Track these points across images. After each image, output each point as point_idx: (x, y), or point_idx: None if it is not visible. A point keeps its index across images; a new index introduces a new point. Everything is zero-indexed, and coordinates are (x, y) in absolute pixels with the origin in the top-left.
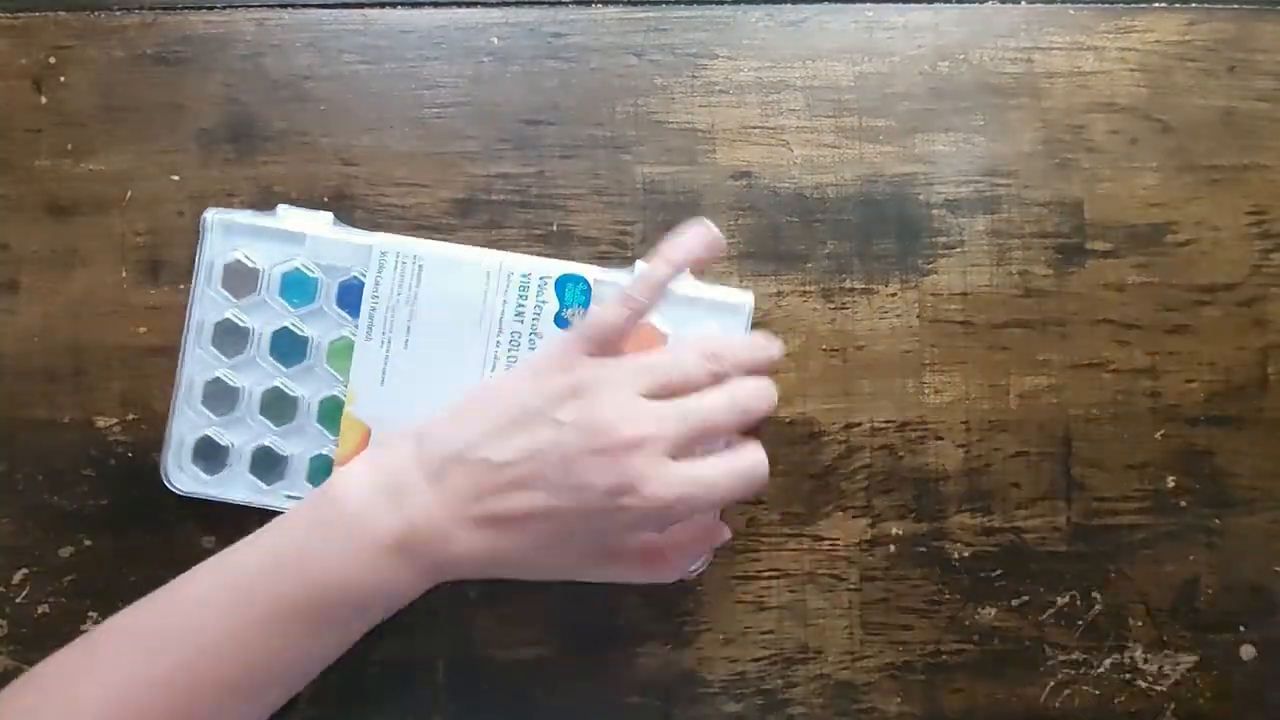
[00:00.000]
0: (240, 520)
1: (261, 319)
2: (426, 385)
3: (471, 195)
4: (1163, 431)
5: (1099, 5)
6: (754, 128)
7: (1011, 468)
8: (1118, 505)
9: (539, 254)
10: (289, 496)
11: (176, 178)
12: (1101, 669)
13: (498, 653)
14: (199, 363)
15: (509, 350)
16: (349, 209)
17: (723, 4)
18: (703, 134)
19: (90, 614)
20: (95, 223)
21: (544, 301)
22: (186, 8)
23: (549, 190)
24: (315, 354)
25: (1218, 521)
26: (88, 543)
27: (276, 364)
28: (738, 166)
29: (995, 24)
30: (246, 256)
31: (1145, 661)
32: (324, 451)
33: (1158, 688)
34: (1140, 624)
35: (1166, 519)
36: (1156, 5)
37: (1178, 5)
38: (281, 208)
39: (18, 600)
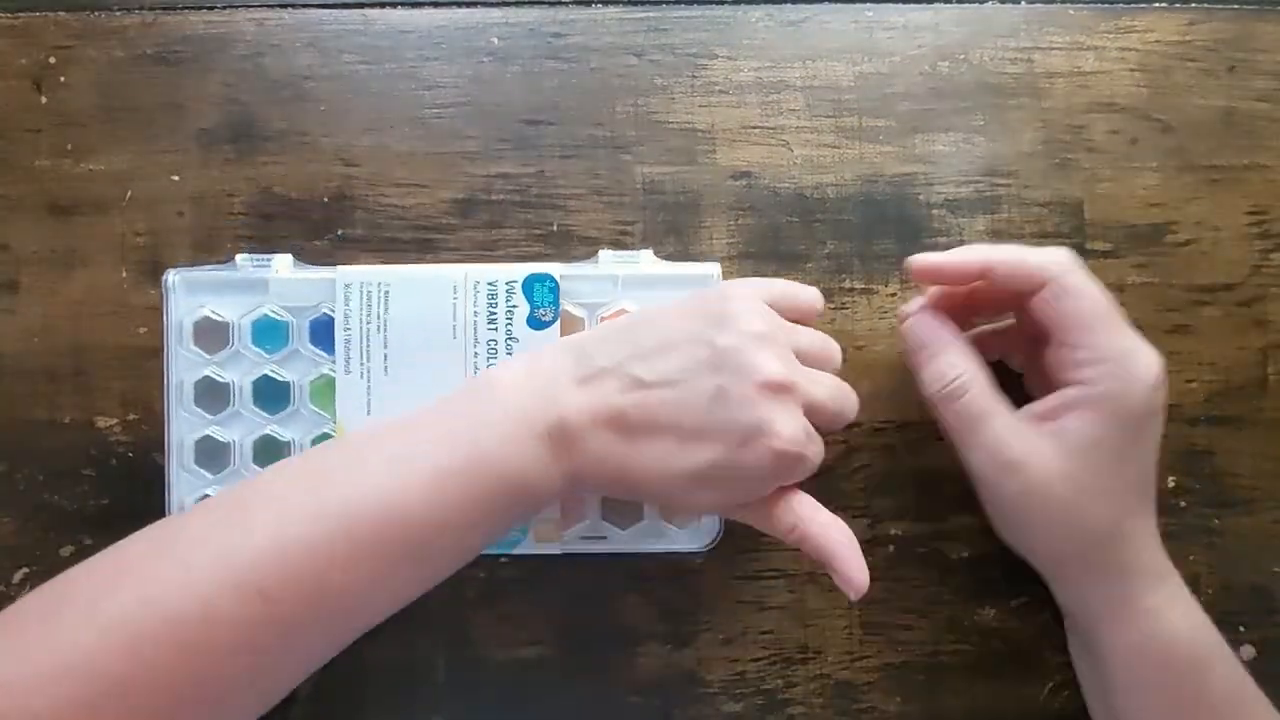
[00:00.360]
0: None
1: (239, 371)
2: (413, 407)
3: (471, 195)
4: (1163, 431)
5: (1099, 5)
6: (754, 128)
7: None
8: None
9: (539, 254)
10: None
11: (176, 178)
12: None
13: (497, 652)
14: (185, 424)
15: (487, 359)
16: (349, 209)
17: (723, 4)
18: (703, 134)
19: None
20: (95, 223)
21: (514, 306)
22: (186, 8)
23: (549, 190)
24: (299, 397)
25: (1218, 521)
26: (88, 543)
27: (261, 413)
28: (738, 166)
29: (995, 24)
30: (214, 311)
31: None
32: None
33: None
34: None
35: (1166, 519)
36: (1156, 5)
37: (1178, 5)
38: (240, 257)
39: (18, 600)
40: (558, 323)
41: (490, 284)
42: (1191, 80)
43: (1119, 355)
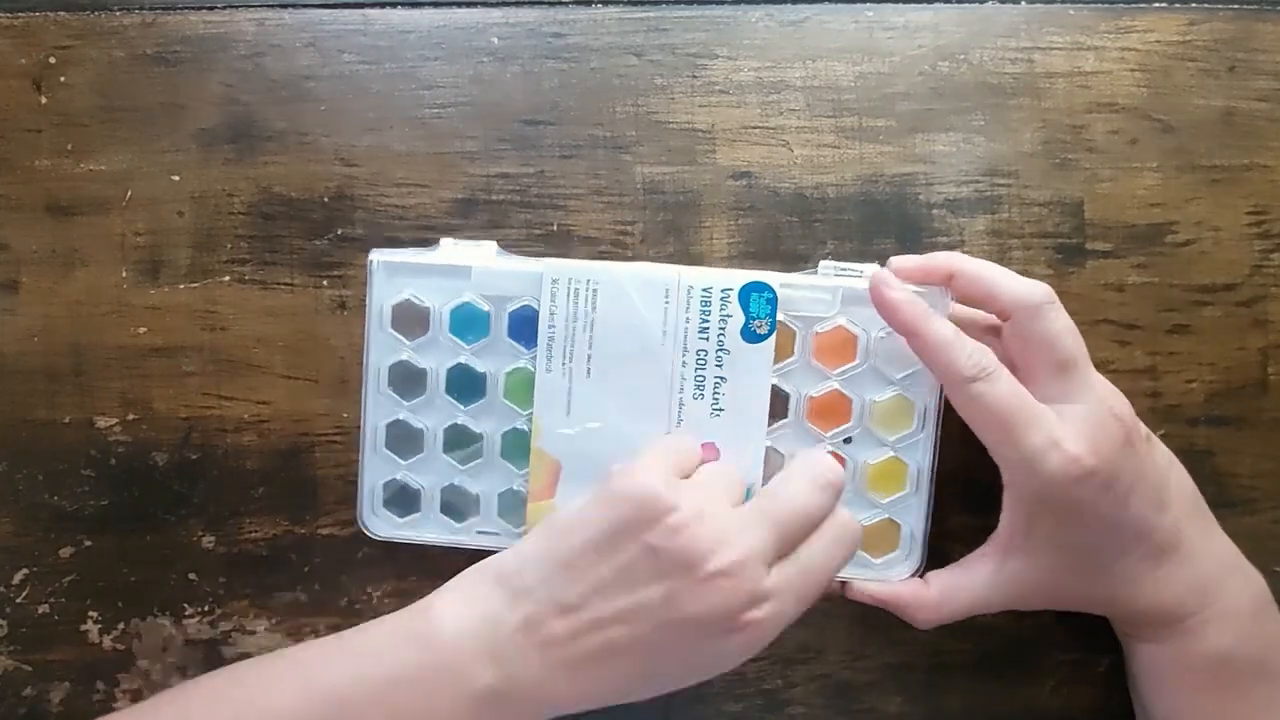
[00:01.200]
0: (238, 521)
1: (435, 358)
2: (614, 410)
3: (471, 195)
4: (1163, 431)
5: (1099, 5)
6: (754, 128)
7: None
8: None
9: (540, 254)
10: (481, 533)
11: (176, 178)
12: (1101, 669)
13: None
14: (380, 407)
15: (696, 370)
16: (349, 209)
17: (723, 4)
18: (703, 134)
19: (90, 614)
20: (95, 223)
21: (728, 315)
22: (186, 8)
23: (549, 190)
24: (493, 388)
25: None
26: (88, 543)
27: (454, 402)
28: (738, 166)
29: (995, 24)
30: (415, 296)
31: None
32: (513, 487)
33: None
34: None
35: None
36: (1156, 5)
37: (1178, 5)
38: (444, 242)
39: (18, 600)
40: (773, 338)
41: (705, 290)
42: (1192, 80)
43: (1030, 457)
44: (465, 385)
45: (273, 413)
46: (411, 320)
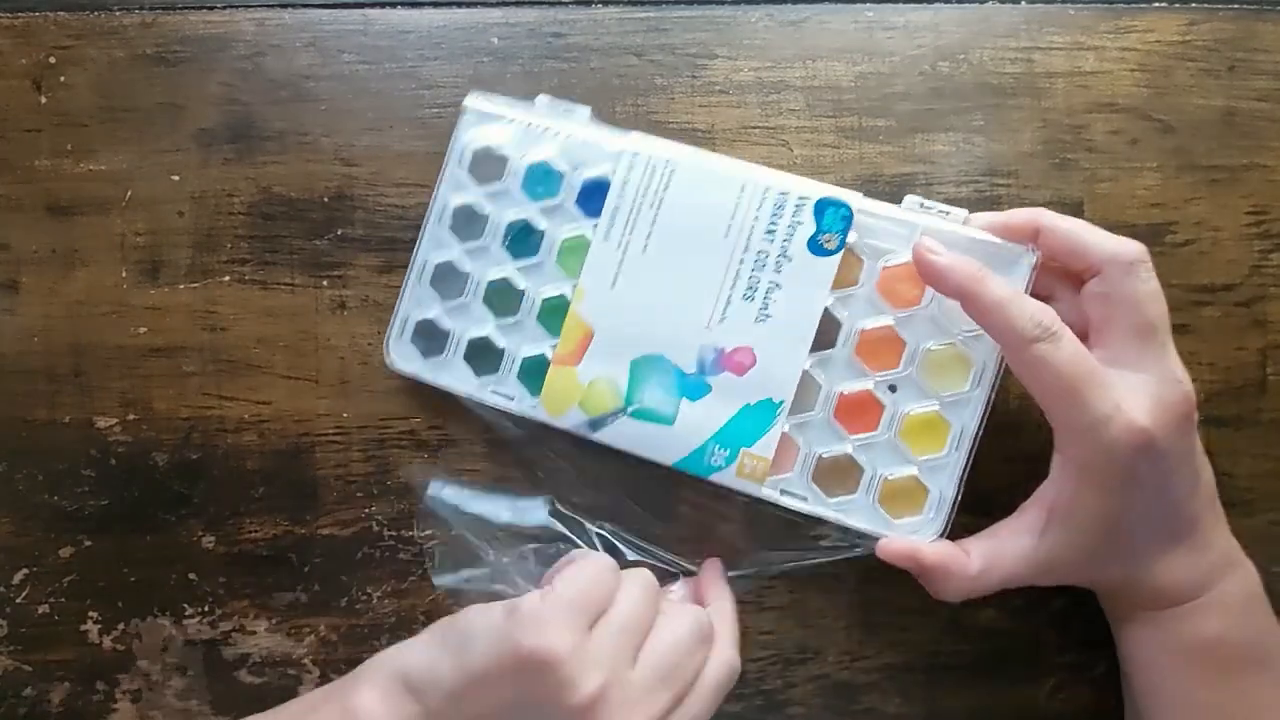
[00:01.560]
0: (239, 521)
1: (501, 207)
2: (660, 292)
3: None
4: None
5: (1099, 5)
6: (754, 128)
7: (1012, 469)
8: None
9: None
10: (496, 393)
11: (176, 178)
12: (1101, 669)
13: None
14: (436, 242)
15: (753, 269)
16: (349, 209)
17: (723, 4)
18: (703, 134)
19: (90, 614)
20: (95, 223)
21: (799, 222)
22: (186, 8)
23: None
24: (547, 250)
25: None
26: (88, 543)
27: (508, 254)
28: None
29: (995, 24)
30: (497, 144)
31: None
32: (541, 351)
33: None
34: None
35: None
36: (1156, 5)
37: (1178, 5)
38: (541, 98)
39: (18, 600)
40: (839, 255)
41: (781, 193)
42: (1191, 80)
43: (1093, 423)
44: (522, 241)
45: (273, 413)
46: (488, 168)
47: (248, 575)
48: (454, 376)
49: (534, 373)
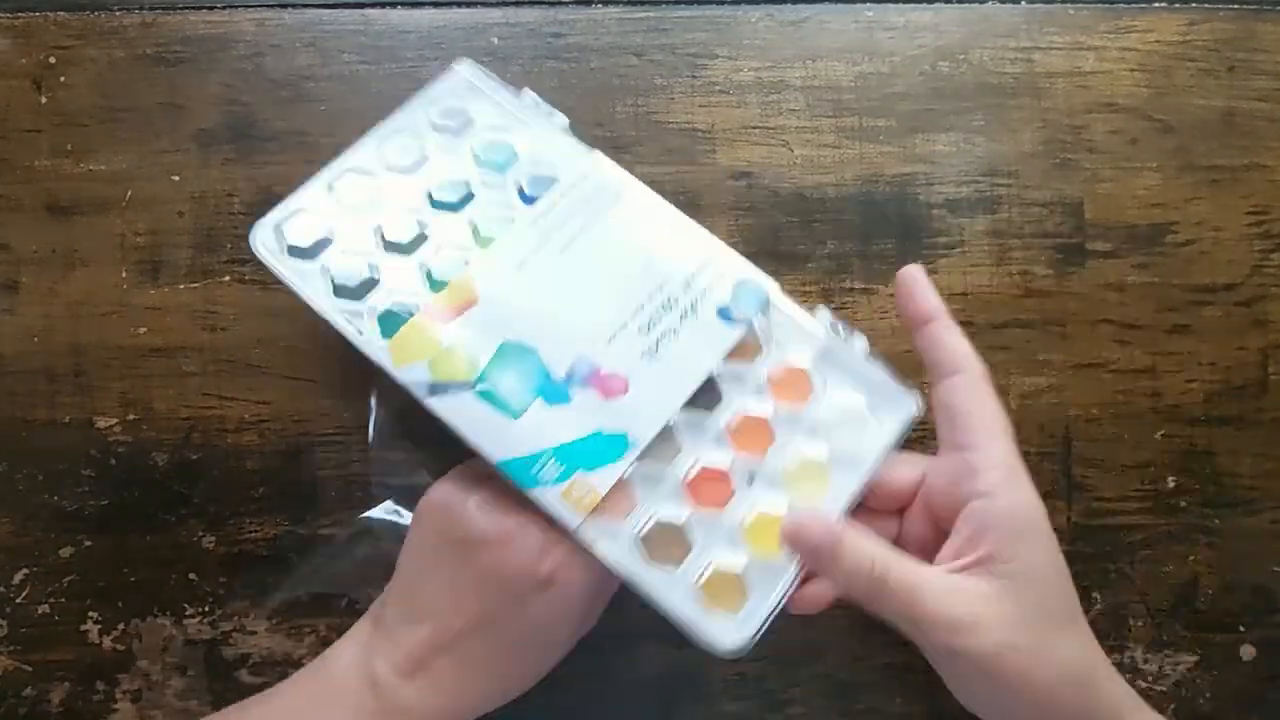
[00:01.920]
0: (239, 521)
1: (445, 157)
2: (560, 293)
3: None
4: (1163, 431)
5: (1099, 5)
6: (754, 128)
7: None
8: (1118, 505)
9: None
10: (345, 315)
11: (176, 178)
12: None
13: None
14: (365, 152)
15: (659, 309)
16: None
17: (723, 4)
18: (703, 134)
19: (90, 614)
20: (95, 223)
21: (716, 288)
22: (186, 8)
23: None
24: (472, 210)
25: (1218, 521)
26: (88, 543)
27: (428, 199)
28: (738, 166)
29: (995, 24)
30: (473, 110)
31: (1145, 661)
32: (414, 301)
33: (1158, 688)
34: (1140, 624)
35: (1166, 519)
36: (1156, 5)
37: (1178, 5)
38: (527, 92)
39: (18, 600)
40: (743, 330)
41: (709, 258)
42: (1191, 80)
43: (1014, 465)
44: (452, 193)
45: (273, 413)
46: (453, 122)
47: (247, 575)
48: (309, 285)
49: (387, 326)
